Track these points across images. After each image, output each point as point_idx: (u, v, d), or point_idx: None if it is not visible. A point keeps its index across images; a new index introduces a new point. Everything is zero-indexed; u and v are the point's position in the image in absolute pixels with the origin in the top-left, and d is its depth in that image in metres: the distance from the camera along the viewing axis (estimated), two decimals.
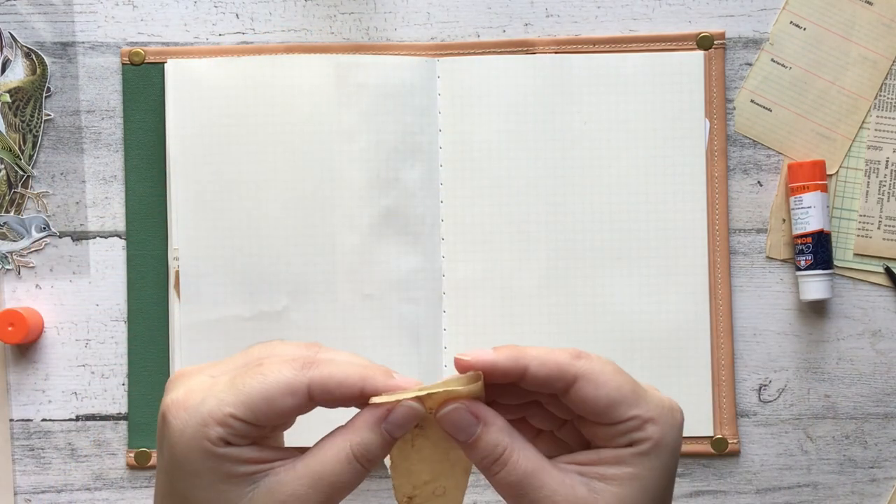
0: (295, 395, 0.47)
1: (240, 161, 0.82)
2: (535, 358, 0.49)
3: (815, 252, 0.81)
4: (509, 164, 0.83)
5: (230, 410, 0.47)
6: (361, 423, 0.48)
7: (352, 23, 0.84)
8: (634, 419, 0.48)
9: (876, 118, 0.83)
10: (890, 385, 0.83)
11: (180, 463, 0.47)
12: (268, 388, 0.47)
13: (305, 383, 0.47)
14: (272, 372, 0.47)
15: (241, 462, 0.47)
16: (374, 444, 0.48)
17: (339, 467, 0.48)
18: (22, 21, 0.84)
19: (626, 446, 0.48)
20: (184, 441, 0.47)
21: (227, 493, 0.47)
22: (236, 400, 0.47)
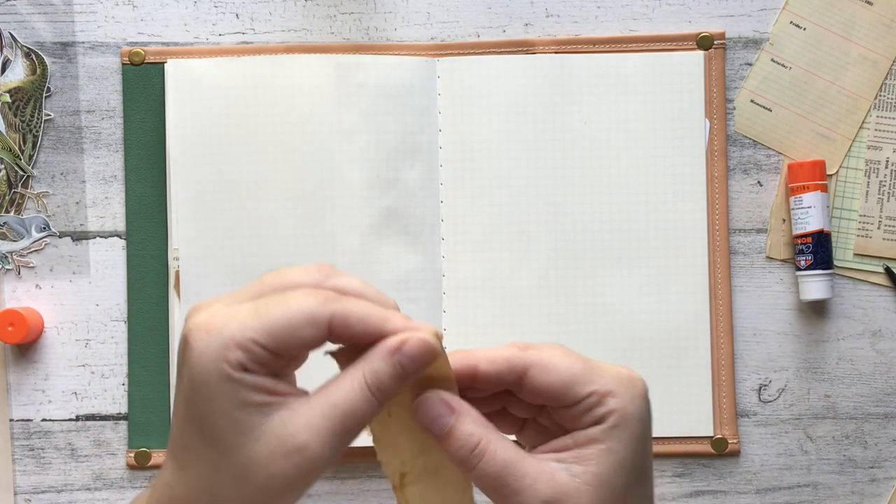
0: (316, 327, 0.47)
1: (240, 161, 0.82)
2: (484, 357, 0.49)
3: (815, 252, 0.81)
4: (509, 164, 0.83)
5: (252, 335, 0.47)
6: (375, 354, 0.49)
7: (352, 23, 0.84)
8: (592, 395, 0.49)
9: (876, 118, 0.83)
10: (890, 385, 0.83)
11: (198, 386, 0.48)
12: (291, 316, 0.47)
13: (327, 316, 0.48)
14: (296, 301, 0.48)
15: (256, 390, 0.48)
16: (385, 373, 0.48)
17: (351, 395, 0.48)
18: (22, 21, 0.84)
19: (593, 425, 0.49)
20: (204, 363, 0.47)
21: (241, 420, 0.48)
22: (259, 325, 0.47)
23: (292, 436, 0.48)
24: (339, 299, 0.48)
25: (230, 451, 0.48)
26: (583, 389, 0.49)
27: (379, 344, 0.49)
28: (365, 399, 0.48)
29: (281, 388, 0.48)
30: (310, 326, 0.47)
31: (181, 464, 0.50)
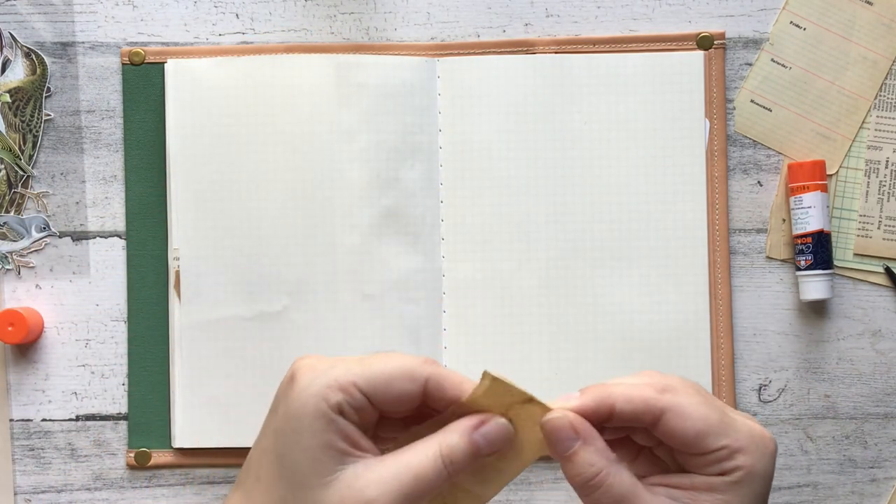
0: (413, 382, 0.51)
1: (240, 161, 0.82)
2: (621, 396, 0.50)
3: (815, 252, 0.81)
4: (509, 164, 0.83)
5: (354, 379, 0.50)
6: (454, 428, 0.52)
7: (352, 23, 0.84)
8: (724, 449, 0.49)
9: (876, 118, 0.83)
10: (890, 385, 0.83)
11: (293, 418, 0.50)
12: (392, 368, 0.51)
13: (425, 375, 0.51)
14: (398, 359, 0.52)
15: (343, 437, 0.50)
16: (461, 448, 0.51)
17: (424, 462, 0.50)
18: (22, 21, 0.84)
19: (717, 475, 0.50)
20: (305, 397, 0.50)
21: (319, 462, 0.50)
22: (361, 372, 0.51)
23: (363, 489, 0.50)
24: (437, 365, 0.52)
25: (302, 489, 0.50)
26: (716, 442, 0.49)
27: (460, 420, 0.52)
28: (436, 469, 0.50)
29: (363, 444, 0.51)
30: (408, 381, 0.51)
31: (250, 496, 0.52)
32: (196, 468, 0.83)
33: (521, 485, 0.83)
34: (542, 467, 0.83)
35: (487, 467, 0.54)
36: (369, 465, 0.51)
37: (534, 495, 0.83)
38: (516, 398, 0.52)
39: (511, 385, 0.52)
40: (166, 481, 0.83)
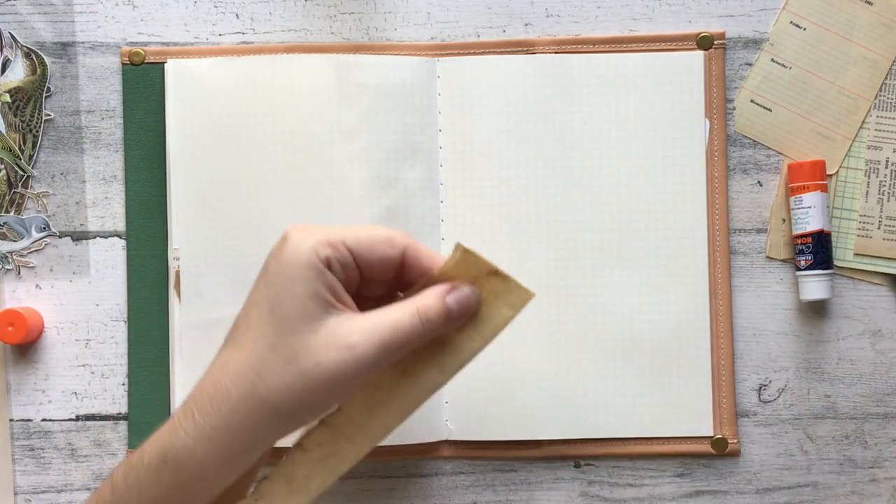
0: (393, 248, 0.60)
1: (240, 161, 0.82)
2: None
3: (815, 252, 0.81)
4: (509, 164, 0.83)
5: (342, 238, 0.58)
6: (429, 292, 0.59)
7: (352, 23, 0.84)
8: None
9: (876, 118, 0.83)
10: (890, 385, 0.83)
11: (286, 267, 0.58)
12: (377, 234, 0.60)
13: (404, 243, 0.60)
14: (380, 228, 0.61)
15: (329, 289, 0.57)
16: (434, 308, 0.58)
17: (401, 316, 0.58)
18: (22, 21, 0.84)
19: None
20: (297, 251, 0.58)
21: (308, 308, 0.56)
22: (349, 234, 0.59)
23: (346, 336, 0.56)
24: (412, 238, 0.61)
25: (290, 333, 0.56)
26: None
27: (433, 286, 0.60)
28: (413, 323, 0.58)
29: (346, 300, 0.58)
30: (389, 246, 0.59)
31: (239, 343, 0.59)
32: None
33: (521, 485, 0.83)
34: (542, 467, 0.83)
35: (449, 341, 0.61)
36: (352, 317, 0.57)
37: (534, 495, 0.83)
38: (483, 270, 0.60)
39: (479, 256, 0.59)
40: None
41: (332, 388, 0.57)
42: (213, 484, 0.59)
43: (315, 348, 0.56)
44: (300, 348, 0.56)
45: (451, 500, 0.83)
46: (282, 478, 0.62)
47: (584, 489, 0.83)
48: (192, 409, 0.59)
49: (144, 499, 0.60)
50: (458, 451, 0.83)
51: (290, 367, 0.56)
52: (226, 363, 0.59)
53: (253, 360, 0.57)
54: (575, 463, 0.83)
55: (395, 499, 0.83)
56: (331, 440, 0.62)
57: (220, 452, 0.58)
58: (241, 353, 0.58)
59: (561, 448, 0.82)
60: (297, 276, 0.57)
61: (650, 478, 0.83)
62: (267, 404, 0.57)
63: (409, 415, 0.62)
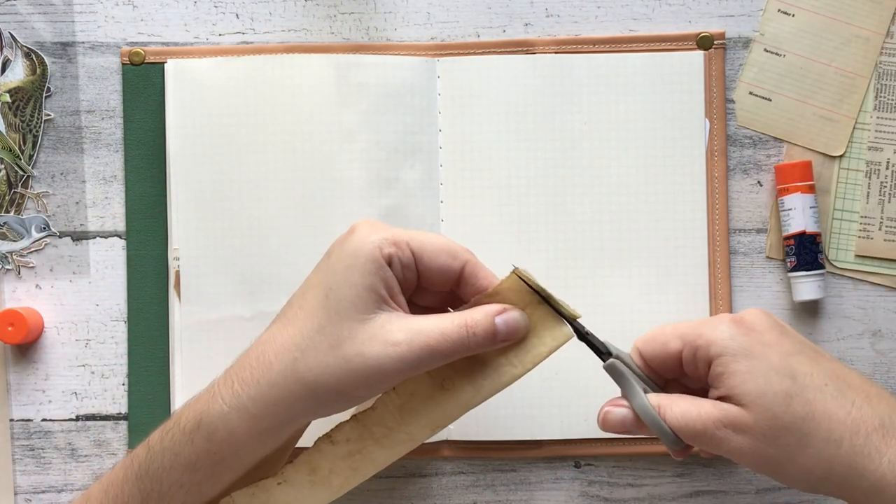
0: (455, 259, 0.61)
1: (240, 161, 0.82)
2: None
3: (797, 254, 0.81)
4: (509, 164, 0.83)
5: (408, 239, 0.60)
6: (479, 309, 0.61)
7: (352, 23, 0.84)
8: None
9: (876, 119, 0.83)
10: (890, 385, 0.83)
11: (350, 256, 0.59)
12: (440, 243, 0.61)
13: (465, 258, 0.61)
14: (446, 238, 0.63)
15: (385, 285, 0.59)
16: (482, 325, 0.59)
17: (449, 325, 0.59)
18: (22, 21, 0.84)
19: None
20: (361, 243, 0.59)
21: (362, 299, 0.58)
22: (415, 237, 0.61)
23: (393, 332, 0.58)
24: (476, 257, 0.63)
25: (340, 319, 0.58)
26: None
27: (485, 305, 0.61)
28: (458, 333, 0.59)
29: (400, 300, 0.60)
30: (450, 257, 0.61)
31: (290, 320, 0.60)
32: None
33: (521, 485, 0.83)
34: (542, 467, 0.83)
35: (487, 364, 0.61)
36: (402, 316, 0.59)
37: (534, 495, 0.83)
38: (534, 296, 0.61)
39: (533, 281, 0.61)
40: None
41: (370, 380, 0.58)
42: (243, 454, 0.61)
43: (361, 338, 0.57)
44: (347, 336, 0.57)
45: (451, 500, 0.83)
46: (306, 465, 0.63)
47: (584, 489, 0.83)
48: (233, 378, 0.62)
49: (177, 461, 0.62)
50: (458, 451, 0.83)
51: (334, 351, 0.58)
52: (273, 337, 0.61)
53: (299, 338, 0.59)
54: (575, 463, 0.83)
55: (395, 499, 0.83)
56: (359, 437, 0.63)
57: (253, 423, 0.60)
58: (290, 331, 0.60)
59: (561, 448, 0.82)
60: (358, 267, 0.58)
61: (650, 478, 0.83)
62: (304, 383, 0.59)
63: (438, 429, 0.63)
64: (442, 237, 0.62)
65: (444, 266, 0.60)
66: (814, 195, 0.81)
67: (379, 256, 0.59)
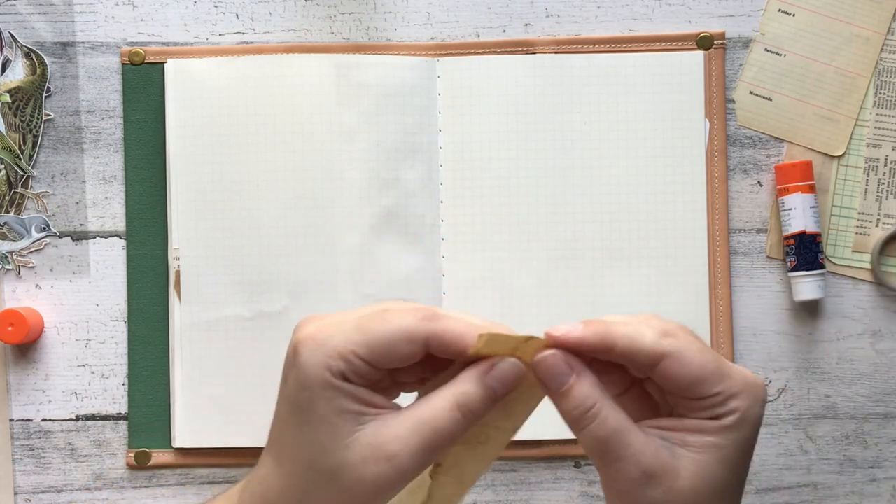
0: (413, 343, 0.51)
1: (240, 161, 0.82)
2: (623, 336, 0.51)
3: (798, 253, 0.81)
4: (509, 164, 0.83)
5: (353, 348, 0.51)
6: (466, 376, 0.52)
7: (352, 23, 0.84)
8: (719, 395, 0.50)
9: (875, 116, 0.83)
10: (890, 385, 0.83)
11: (303, 389, 0.52)
12: (390, 332, 0.51)
13: (424, 333, 0.51)
14: (395, 319, 0.51)
15: (354, 399, 0.52)
16: (475, 394, 0.51)
17: (440, 414, 0.51)
18: (22, 21, 0.84)
19: (709, 419, 0.50)
20: (309, 369, 0.51)
21: (336, 426, 0.52)
22: (360, 339, 0.51)
23: (384, 445, 0.51)
24: (436, 318, 0.52)
25: (325, 453, 0.52)
26: (712, 388, 0.50)
27: (470, 366, 0.52)
28: (453, 419, 0.51)
29: (377, 401, 0.52)
30: (407, 343, 0.51)
31: (279, 460, 0.54)
32: (196, 468, 0.83)
33: (521, 485, 0.83)
34: (542, 467, 0.83)
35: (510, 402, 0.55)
36: (387, 421, 0.52)
37: (534, 495, 0.83)
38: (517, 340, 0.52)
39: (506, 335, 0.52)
40: (166, 481, 0.83)
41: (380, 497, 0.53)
42: None
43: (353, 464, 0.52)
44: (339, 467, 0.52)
45: None
46: None
47: (584, 489, 0.83)
48: None
49: None
50: None
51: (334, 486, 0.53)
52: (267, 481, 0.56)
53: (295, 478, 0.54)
54: (575, 463, 0.83)
55: None
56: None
57: None
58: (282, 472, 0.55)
59: (561, 448, 0.82)
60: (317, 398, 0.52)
61: None
62: None
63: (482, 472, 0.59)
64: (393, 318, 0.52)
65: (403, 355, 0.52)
66: (814, 195, 0.81)
67: (331, 378, 0.52)
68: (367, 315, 0.52)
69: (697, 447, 0.50)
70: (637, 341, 0.51)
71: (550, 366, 0.51)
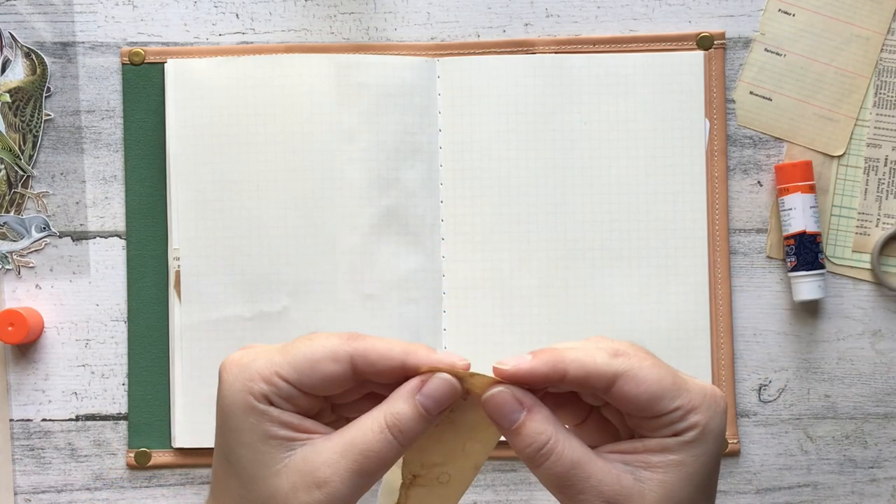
0: (338, 362, 0.49)
1: (240, 161, 0.82)
2: (574, 361, 0.49)
3: (797, 253, 0.81)
4: (509, 164, 0.83)
5: (276, 370, 0.49)
6: (396, 395, 0.50)
7: (352, 23, 0.84)
8: (677, 410, 0.49)
9: (875, 116, 0.83)
10: (890, 385, 0.83)
11: (227, 416, 0.50)
12: (314, 352, 0.49)
13: (349, 352, 0.49)
14: (319, 340, 0.50)
15: (280, 424, 0.49)
16: (406, 414, 0.49)
17: (371, 436, 0.49)
18: (22, 21, 0.84)
19: (670, 436, 0.49)
20: (231, 394, 0.49)
21: (264, 453, 0.49)
22: (283, 361, 0.49)
23: (313, 472, 0.48)
24: (361, 338, 0.50)
25: (253, 482, 0.49)
26: (670, 404, 0.49)
27: (403, 384, 0.50)
28: (385, 441, 0.49)
29: (307, 426, 0.50)
30: (332, 362, 0.49)
31: (215, 495, 0.52)
32: (196, 468, 0.83)
33: (521, 485, 0.83)
34: None
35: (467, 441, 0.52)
36: (316, 446, 0.49)
37: (533, 495, 0.83)
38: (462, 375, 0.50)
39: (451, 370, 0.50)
40: (166, 481, 0.83)
41: None
42: None
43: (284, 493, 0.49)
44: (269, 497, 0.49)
45: None
46: None
47: None
48: None
49: None
50: None
51: None
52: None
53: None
54: None
55: None
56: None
57: None
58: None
59: None
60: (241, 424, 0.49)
61: None
62: None
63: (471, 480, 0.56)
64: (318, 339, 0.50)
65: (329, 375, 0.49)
66: (814, 195, 0.81)
67: (254, 403, 0.49)
68: (293, 340, 0.51)
69: (661, 467, 0.49)
70: (588, 364, 0.49)
71: (499, 404, 0.49)
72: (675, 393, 0.49)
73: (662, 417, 0.49)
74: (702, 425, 0.49)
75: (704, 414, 0.49)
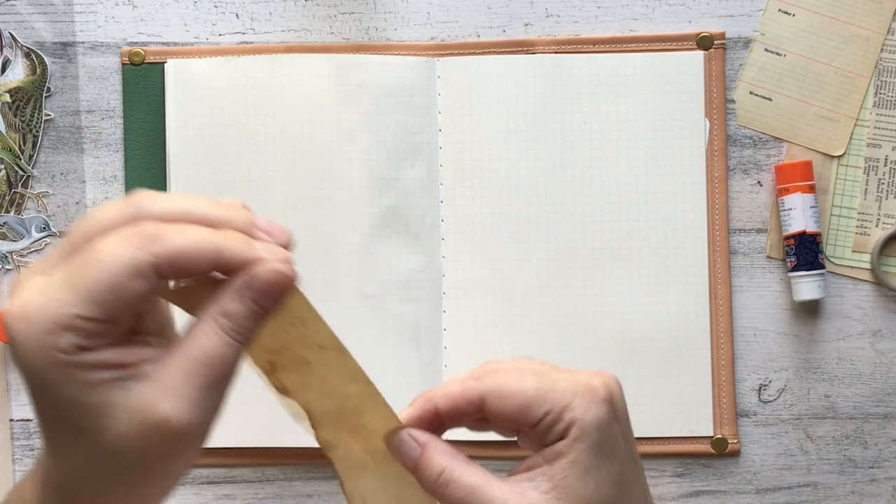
0: (143, 277, 0.42)
1: (240, 161, 0.82)
2: (442, 396, 0.50)
3: (797, 253, 0.81)
4: (509, 164, 0.83)
5: (74, 311, 0.41)
6: (225, 295, 0.44)
7: (352, 23, 0.84)
8: (549, 414, 0.49)
9: (876, 116, 0.83)
10: (890, 385, 0.83)
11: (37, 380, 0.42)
12: (109, 275, 0.41)
13: (151, 262, 0.42)
14: (110, 255, 0.41)
15: (101, 367, 0.42)
16: (241, 314, 0.44)
17: (209, 345, 0.43)
18: (22, 21, 0.84)
19: (558, 440, 0.49)
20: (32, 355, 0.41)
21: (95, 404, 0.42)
22: (77, 298, 0.41)
23: (154, 406, 0.42)
24: (160, 237, 0.42)
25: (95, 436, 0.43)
26: (538, 410, 0.49)
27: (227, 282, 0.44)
28: (227, 345, 0.44)
29: (131, 358, 0.43)
30: (136, 279, 0.41)
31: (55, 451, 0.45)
32: (196, 468, 0.83)
33: None
34: None
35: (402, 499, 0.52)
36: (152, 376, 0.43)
37: None
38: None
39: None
40: None
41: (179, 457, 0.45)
42: None
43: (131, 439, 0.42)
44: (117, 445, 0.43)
45: None
46: None
47: None
48: None
49: None
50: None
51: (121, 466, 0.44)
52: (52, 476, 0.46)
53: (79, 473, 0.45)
54: None
55: None
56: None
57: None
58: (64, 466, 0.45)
59: None
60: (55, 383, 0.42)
61: (650, 477, 0.83)
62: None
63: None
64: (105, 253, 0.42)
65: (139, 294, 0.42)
66: (814, 195, 0.81)
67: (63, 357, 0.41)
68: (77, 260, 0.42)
69: (560, 472, 0.48)
70: (454, 395, 0.50)
71: (397, 447, 0.51)
72: (542, 398, 0.49)
73: (539, 425, 0.49)
74: (578, 419, 0.48)
75: (578, 408, 0.49)
